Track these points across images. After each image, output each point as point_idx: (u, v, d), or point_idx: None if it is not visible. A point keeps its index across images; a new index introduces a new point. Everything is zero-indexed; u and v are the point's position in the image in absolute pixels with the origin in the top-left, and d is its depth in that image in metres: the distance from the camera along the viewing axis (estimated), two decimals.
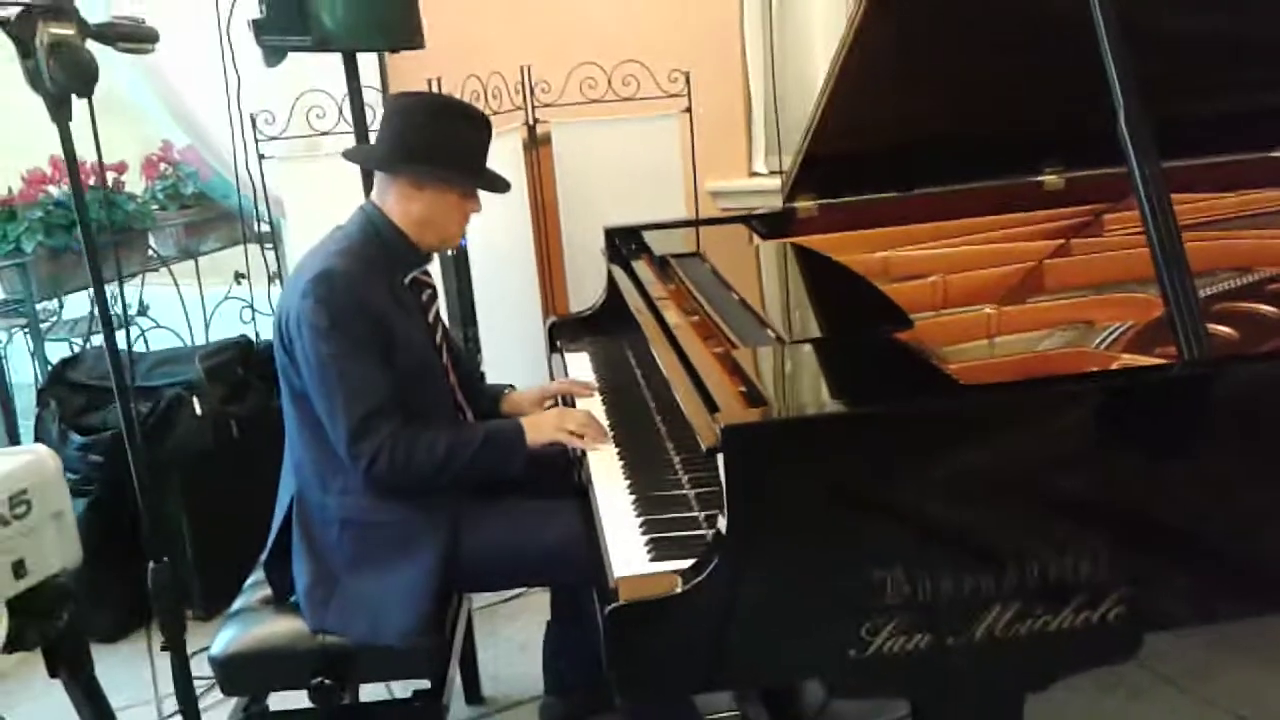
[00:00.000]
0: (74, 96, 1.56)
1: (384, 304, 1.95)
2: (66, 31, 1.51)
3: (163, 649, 1.89)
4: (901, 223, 2.62)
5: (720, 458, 1.40)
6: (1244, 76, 2.57)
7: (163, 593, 1.77)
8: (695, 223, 3.01)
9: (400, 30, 2.52)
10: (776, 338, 1.81)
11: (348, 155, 2.17)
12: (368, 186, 2.35)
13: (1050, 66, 2.12)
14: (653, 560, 1.60)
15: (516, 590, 2.97)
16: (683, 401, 1.69)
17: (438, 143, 2.00)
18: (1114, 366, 1.68)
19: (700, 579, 1.39)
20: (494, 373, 3.11)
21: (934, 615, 1.43)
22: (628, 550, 1.64)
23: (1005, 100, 2.38)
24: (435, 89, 2.98)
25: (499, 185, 2.09)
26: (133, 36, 1.67)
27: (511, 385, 2.45)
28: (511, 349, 3.33)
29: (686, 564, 1.44)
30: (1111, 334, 1.91)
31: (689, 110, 3.49)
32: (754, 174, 4.01)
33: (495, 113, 3.32)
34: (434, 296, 2.17)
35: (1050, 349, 1.90)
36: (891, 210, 2.67)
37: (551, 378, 2.63)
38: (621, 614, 1.40)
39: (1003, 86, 2.34)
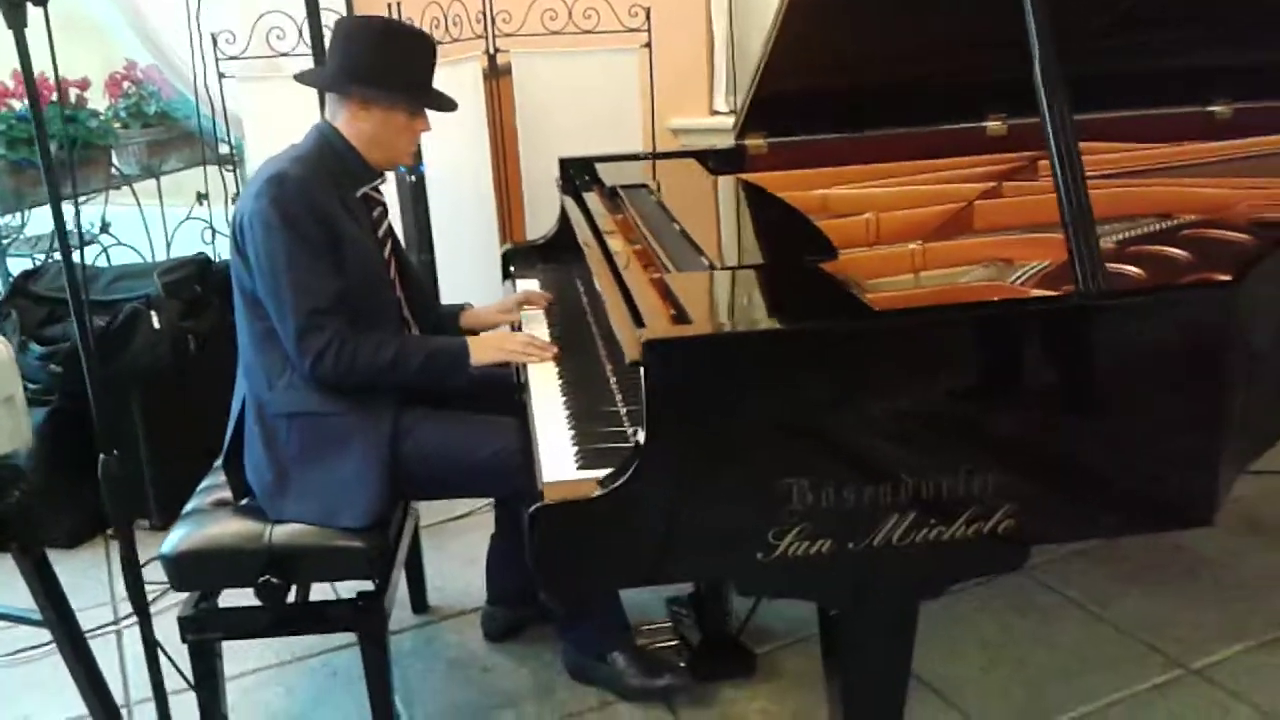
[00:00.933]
0: (29, 4, 1.60)
1: (335, 210, 2.03)
2: None
3: (111, 538, 1.97)
4: (847, 163, 2.71)
5: (642, 370, 1.49)
6: (1183, 34, 2.66)
7: (113, 483, 1.84)
8: (649, 156, 3.07)
9: None
10: (709, 265, 1.90)
11: (299, 78, 2.23)
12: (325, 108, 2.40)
13: (989, 15, 2.20)
14: (580, 469, 1.70)
15: (465, 508, 3.09)
16: (614, 320, 1.78)
17: (383, 64, 2.07)
18: (1012, 296, 1.79)
19: (617, 484, 1.49)
20: (450, 297, 3.17)
21: (836, 523, 1.54)
22: (558, 459, 1.74)
23: (949, 47, 2.46)
24: (395, 14, 3.01)
25: (444, 104, 2.17)
26: None
27: (469, 303, 2.53)
28: (468, 275, 3.40)
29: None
30: (1029, 271, 2.01)
31: (649, 46, 3.54)
32: (715, 112, 4.08)
33: (455, 40, 3.36)
34: (385, 213, 2.25)
35: (967, 283, 2.00)
36: (839, 150, 2.75)
37: None
38: (541, 514, 1.50)
39: (947, 34, 2.42)
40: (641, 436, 1.50)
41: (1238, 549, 2.78)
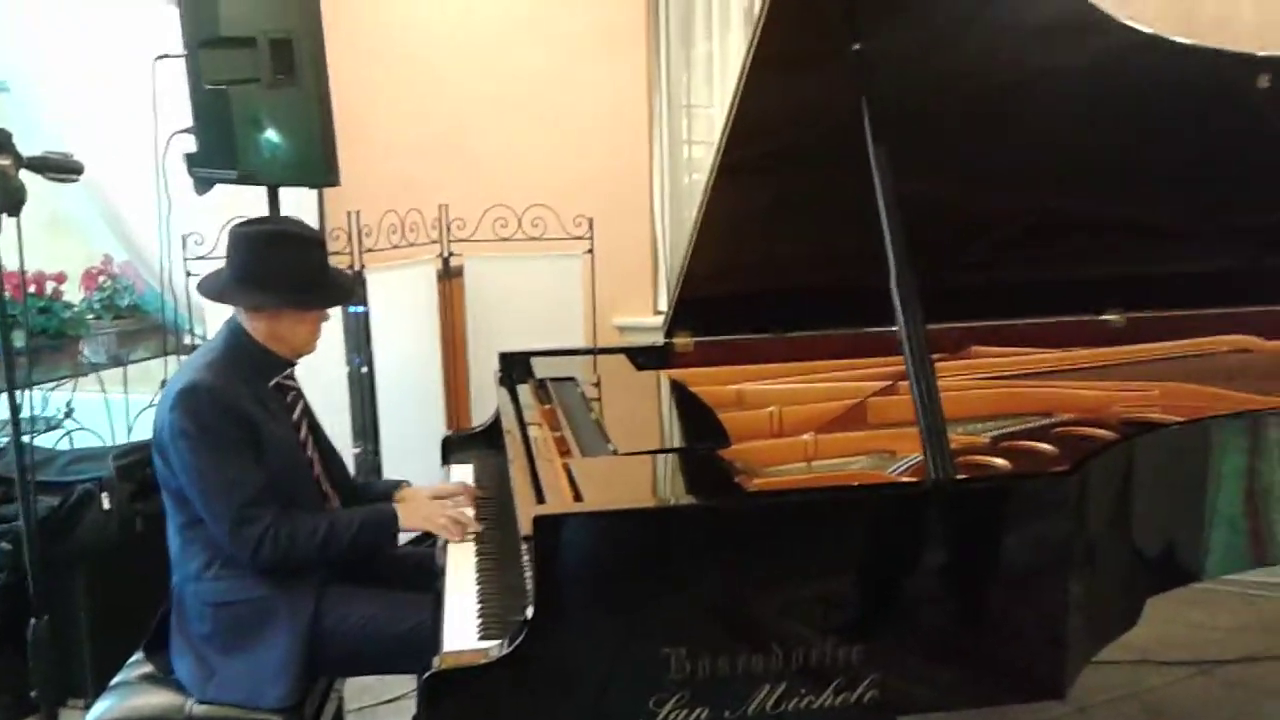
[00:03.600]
0: (4, 215, 1.82)
1: (249, 408, 2.18)
2: (4, 162, 1.79)
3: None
4: (763, 360, 2.93)
5: (532, 544, 1.64)
6: (1068, 247, 2.94)
7: (41, 649, 1.93)
8: (583, 352, 3.28)
9: (317, 170, 2.83)
10: (613, 450, 2.07)
11: (199, 287, 2.34)
12: None
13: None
14: (481, 639, 1.82)
15: (398, 689, 3.14)
16: (518, 499, 1.94)
17: (265, 270, 2.24)
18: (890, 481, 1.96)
19: (506, 653, 1.62)
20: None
21: (713, 692, 1.66)
22: (461, 629, 1.86)
23: (851, 258, 2.72)
24: (354, 223, 3.29)
25: (332, 299, 2.34)
26: (61, 168, 1.95)
27: (407, 481, 2.68)
28: (414, 462, 3.55)
29: None
30: (909, 462, 2.18)
31: (591, 252, 3.82)
32: (658, 311, 4.35)
33: (411, 244, 3.63)
34: (298, 397, 2.40)
35: (850, 471, 2.18)
36: (756, 349, 2.98)
37: None
38: (434, 681, 1.62)
39: (850, 244, 2.68)
40: (530, 610, 1.63)
41: None
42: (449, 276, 3.87)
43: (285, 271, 2.26)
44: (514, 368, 3.02)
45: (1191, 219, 2.88)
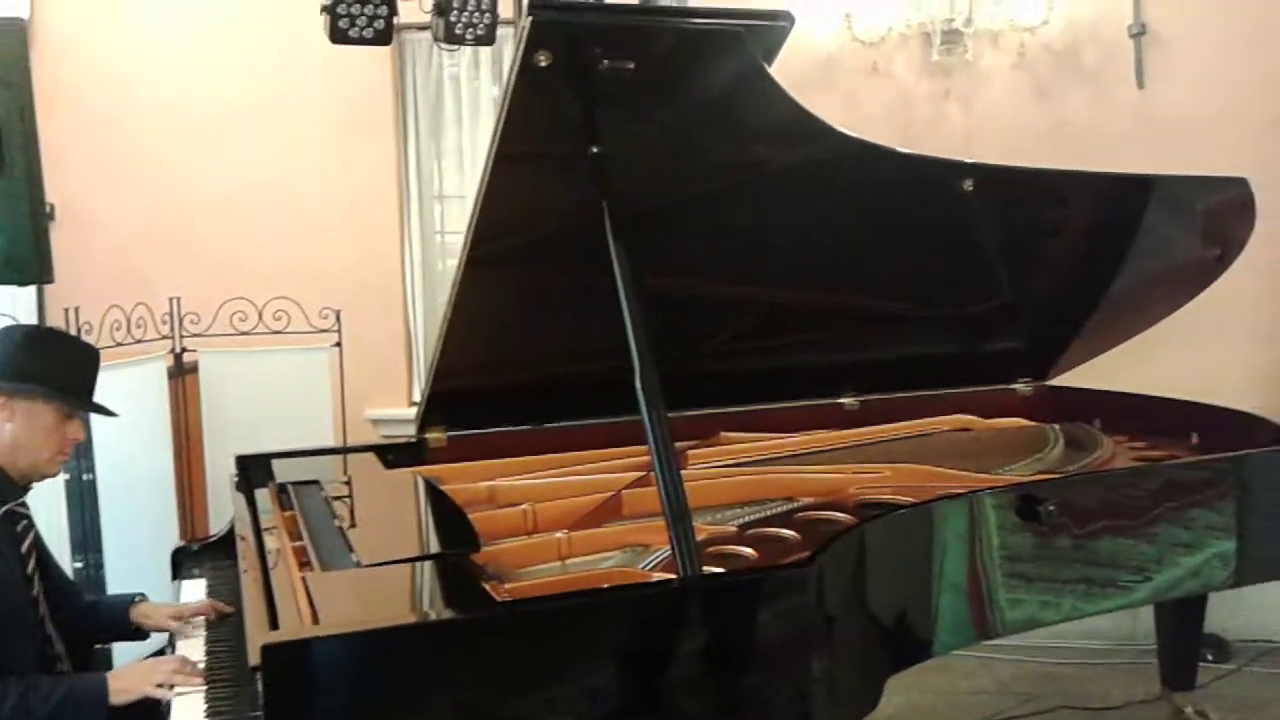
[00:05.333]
0: None
1: None
2: None
3: None
4: (517, 455, 2.89)
5: (259, 676, 1.52)
6: (804, 334, 3.09)
7: None
8: (329, 451, 3.14)
9: (28, 266, 2.60)
10: (356, 562, 1.97)
11: None
12: None
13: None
14: None
15: None
16: (248, 623, 1.81)
17: (32, 361, 2.06)
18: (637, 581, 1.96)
19: None
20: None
21: None
22: None
23: (603, 350, 2.74)
24: (73, 318, 3.04)
25: (98, 407, 2.16)
26: None
27: (143, 594, 2.45)
28: (143, 576, 3.28)
29: None
30: (660, 556, 2.19)
31: (339, 345, 3.70)
32: (414, 403, 4.25)
33: (138, 341, 3.40)
34: (29, 526, 2.18)
35: (604, 570, 2.16)
36: (510, 443, 2.93)
37: None
38: None
39: (596, 338, 2.70)
40: None
41: None
42: (181, 374, 3.64)
43: (52, 366, 2.07)
44: (253, 471, 2.86)
45: (913, 308, 3.09)
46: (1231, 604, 3.58)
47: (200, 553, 2.81)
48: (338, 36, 3.12)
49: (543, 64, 1.88)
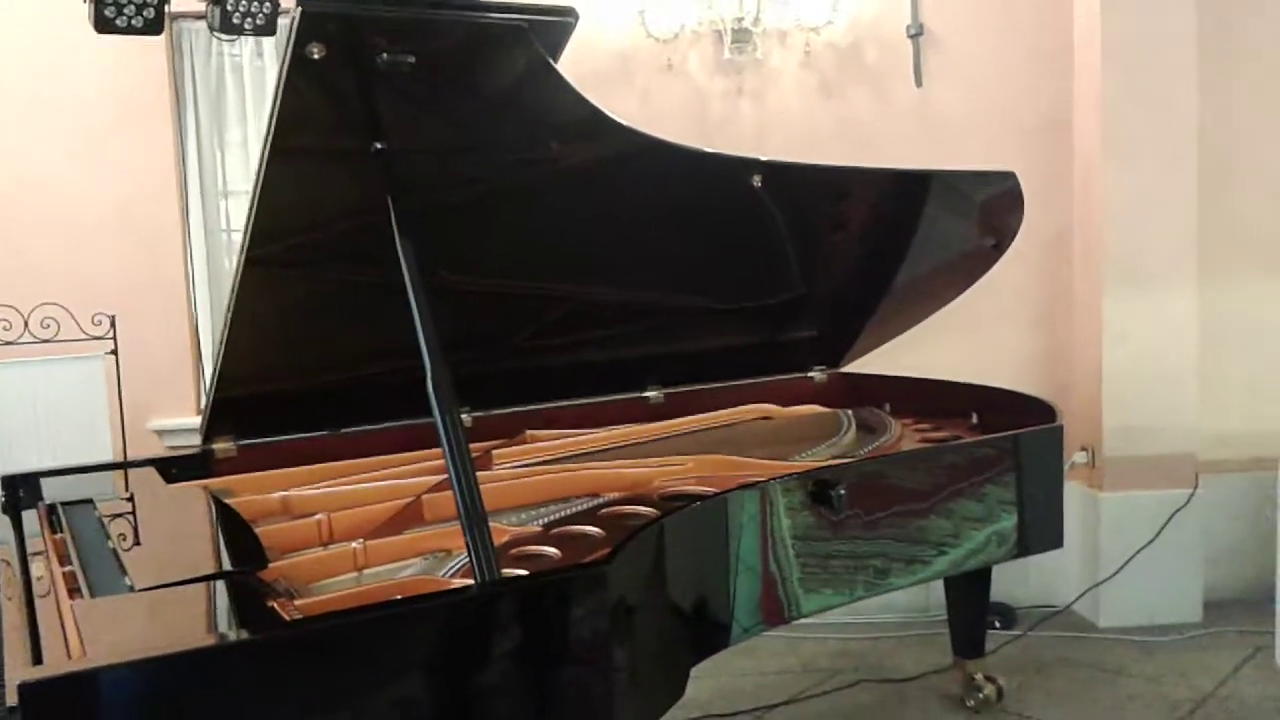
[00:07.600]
0: None
1: None
2: None
3: None
4: (312, 462, 2.78)
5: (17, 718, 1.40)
6: (606, 330, 3.09)
7: None
8: (105, 467, 2.94)
9: None
10: (130, 587, 1.84)
11: None
12: None
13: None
14: None
15: None
16: (8, 657, 1.66)
17: None
18: (435, 590, 1.91)
19: None
20: None
21: None
22: None
23: (396, 350, 2.65)
24: None
25: None
26: None
27: None
28: None
29: None
30: (462, 561, 2.14)
31: (115, 353, 3.47)
32: (200, 412, 4.02)
33: None
34: None
35: (404, 578, 2.10)
36: (303, 450, 2.81)
37: None
38: None
39: (388, 338, 2.62)
40: None
41: None
42: None
43: None
44: (19, 491, 2.64)
45: (711, 301, 3.14)
46: (1016, 573, 3.82)
47: None
48: (103, 26, 2.89)
49: (316, 56, 1.80)
